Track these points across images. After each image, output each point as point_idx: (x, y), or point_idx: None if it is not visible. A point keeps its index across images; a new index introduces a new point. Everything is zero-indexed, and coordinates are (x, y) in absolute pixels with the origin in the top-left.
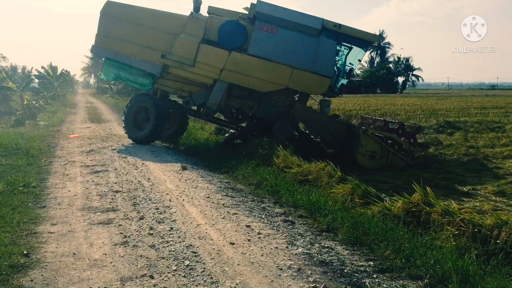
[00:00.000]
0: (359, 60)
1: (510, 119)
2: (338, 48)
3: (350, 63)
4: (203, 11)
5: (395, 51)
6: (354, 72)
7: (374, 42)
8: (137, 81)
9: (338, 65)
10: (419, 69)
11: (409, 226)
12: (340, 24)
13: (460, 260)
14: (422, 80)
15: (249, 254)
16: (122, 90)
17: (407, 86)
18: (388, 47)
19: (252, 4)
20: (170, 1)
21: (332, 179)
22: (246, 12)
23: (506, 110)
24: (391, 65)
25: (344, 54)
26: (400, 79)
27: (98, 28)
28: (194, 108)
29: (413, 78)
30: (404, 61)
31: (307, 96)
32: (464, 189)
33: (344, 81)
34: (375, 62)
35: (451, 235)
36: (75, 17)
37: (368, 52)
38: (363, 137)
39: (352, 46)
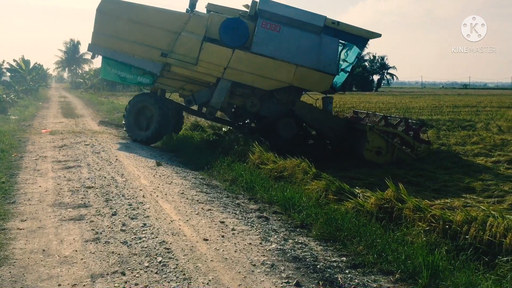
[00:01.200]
0: (358, 57)
1: (480, 118)
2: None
3: (345, 60)
4: (199, 8)
5: (371, 50)
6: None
7: (370, 39)
8: (137, 80)
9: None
10: (394, 67)
11: (381, 222)
12: (338, 22)
13: (431, 256)
14: (397, 78)
15: (223, 250)
16: (97, 84)
17: (382, 84)
18: (347, 48)
19: (253, 1)
20: None
21: (307, 175)
22: (246, 10)
23: (477, 109)
24: (366, 64)
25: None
26: (376, 77)
27: (95, 25)
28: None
29: (388, 76)
30: (379, 60)
31: (301, 93)
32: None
33: (343, 78)
34: None
35: (422, 231)
36: (49, 9)
37: (344, 50)
38: (369, 133)
39: (348, 43)
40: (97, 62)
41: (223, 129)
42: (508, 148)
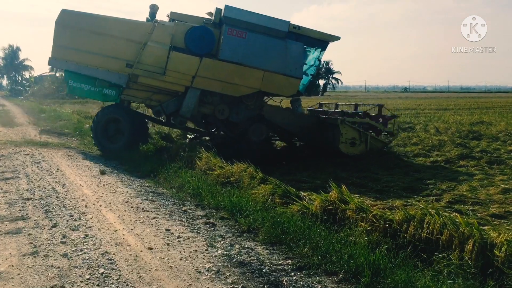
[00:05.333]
0: (319, 60)
1: (419, 120)
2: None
3: (306, 63)
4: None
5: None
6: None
7: (330, 42)
8: (102, 93)
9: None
10: (338, 72)
11: (326, 223)
12: (299, 26)
13: (372, 255)
14: (342, 83)
15: (168, 259)
16: (38, 92)
17: (328, 89)
18: (309, 51)
19: (217, 9)
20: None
21: (254, 180)
22: (209, 17)
23: (416, 111)
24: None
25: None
26: (321, 82)
27: (54, 38)
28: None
29: (333, 81)
30: (324, 65)
31: (263, 96)
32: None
33: (305, 81)
34: None
35: (364, 231)
36: None
37: (306, 54)
38: (341, 126)
39: (309, 46)
40: (38, 69)
41: (189, 135)
42: (445, 148)
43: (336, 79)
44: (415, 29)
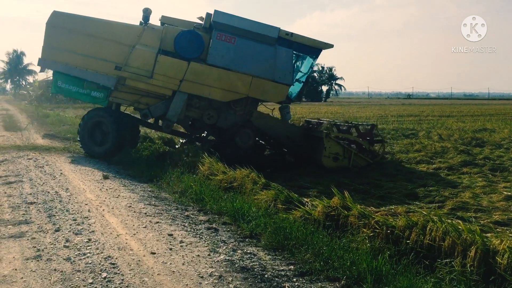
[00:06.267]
0: (311, 68)
1: (423, 127)
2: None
3: (299, 70)
4: (152, 21)
5: (319, 61)
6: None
7: (323, 49)
8: (91, 95)
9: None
10: (341, 78)
11: (328, 229)
12: (292, 33)
13: (375, 261)
14: (345, 89)
15: (170, 263)
16: (41, 97)
17: (330, 94)
18: (303, 58)
19: (207, 14)
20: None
21: (256, 185)
22: (200, 22)
23: (419, 118)
24: (315, 74)
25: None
26: (324, 88)
27: (45, 39)
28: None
29: (336, 87)
30: (327, 71)
31: (257, 103)
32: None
33: (297, 88)
34: None
35: (366, 237)
36: None
37: (298, 61)
38: (326, 140)
39: (302, 53)
40: (42, 74)
41: (181, 140)
42: (448, 155)
43: (339, 85)
44: (418, 35)
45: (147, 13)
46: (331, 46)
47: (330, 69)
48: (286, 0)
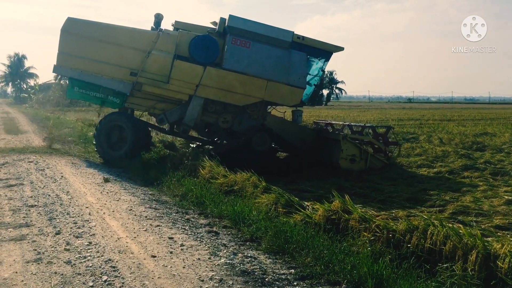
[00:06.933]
0: (323, 71)
1: (423, 130)
2: None
3: (309, 74)
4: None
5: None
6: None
7: (334, 52)
8: (107, 100)
9: None
10: (342, 82)
11: (329, 233)
12: (303, 36)
13: (375, 265)
14: (345, 93)
15: (171, 267)
16: (42, 100)
17: (331, 98)
18: (313, 61)
19: (221, 18)
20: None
21: (257, 189)
22: (213, 27)
23: (420, 122)
24: (326, 77)
25: None
26: (325, 92)
27: (60, 46)
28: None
29: (337, 91)
30: (328, 75)
31: (265, 105)
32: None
33: (309, 91)
34: None
35: (367, 241)
36: None
37: (309, 64)
38: (343, 142)
39: (313, 57)
40: (43, 77)
41: (191, 144)
42: (449, 159)
43: (340, 89)
44: (418, 40)
45: (158, 18)
46: (341, 49)
47: (331, 73)
48: (287, 4)
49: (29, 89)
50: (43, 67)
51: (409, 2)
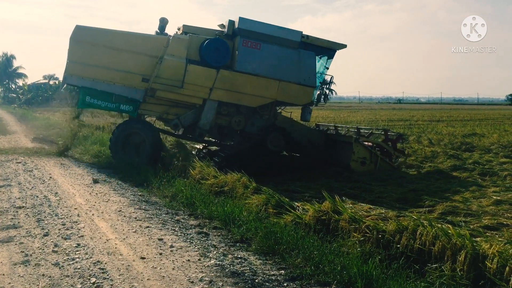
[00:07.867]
0: (327, 68)
1: (413, 131)
2: None
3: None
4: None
5: None
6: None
7: (337, 50)
8: (120, 108)
9: None
10: (333, 82)
11: (319, 234)
12: (307, 35)
13: (365, 265)
14: (336, 93)
15: (160, 268)
16: (31, 100)
17: (321, 99)
18: (317, 60)
19: (230, 20)
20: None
21: (247, 190)
22: (221, 29)
23: (410, 122)
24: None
25: None
26: (316, 93)
27: (69, 55)
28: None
29: (327, 91)
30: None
31: (275, 106)
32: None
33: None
34: None
35: (357, 242)
36: None
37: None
38: (355, 145)
39: (319, 55)
40: (31, 77)
41: (196, 146)
42: (438, 159)
43: (331, 90)
44: (408, 41)
45: (163, 22)
46: (344, 46)
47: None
48: (278, 5)
49: (17, 89)
50: (32, 67)
51: (399, 4)
